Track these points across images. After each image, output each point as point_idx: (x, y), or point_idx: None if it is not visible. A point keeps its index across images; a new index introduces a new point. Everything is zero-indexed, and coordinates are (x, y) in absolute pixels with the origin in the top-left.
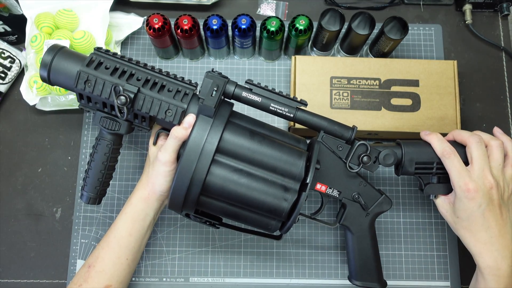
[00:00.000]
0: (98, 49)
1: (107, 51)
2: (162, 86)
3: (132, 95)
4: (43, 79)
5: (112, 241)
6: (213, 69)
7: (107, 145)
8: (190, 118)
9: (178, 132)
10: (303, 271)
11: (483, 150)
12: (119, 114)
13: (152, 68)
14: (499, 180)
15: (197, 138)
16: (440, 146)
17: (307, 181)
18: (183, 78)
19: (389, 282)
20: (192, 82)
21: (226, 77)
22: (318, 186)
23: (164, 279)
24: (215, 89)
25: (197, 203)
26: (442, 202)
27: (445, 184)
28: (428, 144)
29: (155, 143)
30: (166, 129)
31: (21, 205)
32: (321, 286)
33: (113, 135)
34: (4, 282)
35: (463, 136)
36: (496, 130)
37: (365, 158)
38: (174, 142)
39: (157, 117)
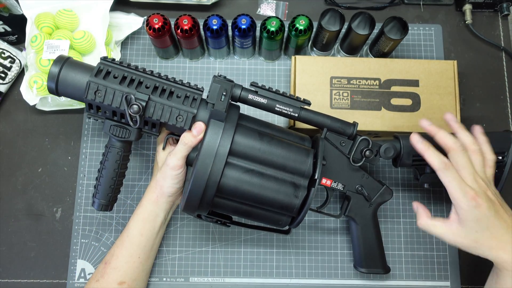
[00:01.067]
0: (104, 58)
1: (113, 60)
2: (171, 93)
3: (143, 103)
4: (51, 91)
5: (125, 240)
6: (219, 73)
7: (117, 153)
8: (199, 126)
9: (188, 139)
10: (303, 271)
11: (468, 157)
12: (131, 123)
13: (159, 75)
14: (485, 181)
15: (211, 143)
16: (438, 160)
17: (316, 177)
18: (189, 83)
19: (389, 282)
20: (199, 86)
21: (232, 81)
22: (324, 180)
23: (164, 279)
24: (224, 93)
25: (211, 204)
26: (449, 230)
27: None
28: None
29: (164, 148)
30: (174, 134)
31: (21, 205)
32: (321, 286)
33: (123, 142)
34: (4, 282)
35: (447, 142)
36: (476, 130)
37: (367, 152)
38: (184, 148)
39: (168, 123)
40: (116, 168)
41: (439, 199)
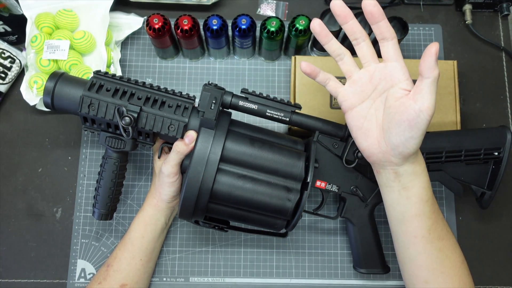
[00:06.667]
0: (97, 72)
1: (106, 73)
2: (163, 103)
3: (135, 115)
4: (47, 106)
5: (127, 242)
6: (209, 81)
7: (114, 163)
8: (191, 134)
9: (180, 148)
10: (303, 271)
11: None
12: (124, 134)
13: (151, 86)
14: None
15: (202, 150)
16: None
17: (308, 181)
18: (181, 93)
19: (389, 282)
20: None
21: (223, 88)
22: (318, 183)
23: (164, 279)
24: (214, 101)
25: (206, 210)
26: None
27: (434, 172)
28: None
29: (159, 157)
30: (169, 142)
31: (21, 205)
32: (321, 286)
33: (119, 153)
34: (4, 282)
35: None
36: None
37: (359, 154)
38: (177, 156)
39: (161, 133)
40: (114, 178)
41: (438, 198)
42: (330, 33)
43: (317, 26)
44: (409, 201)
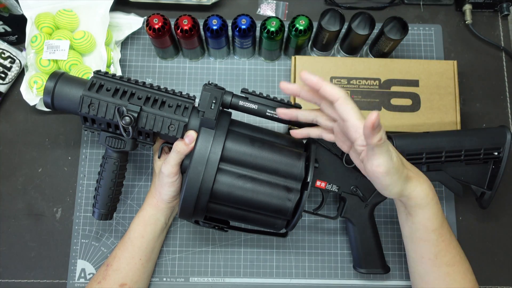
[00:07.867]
0: (97, 72)
1: (106, 73)
2: (163, 103)
3: (135, 114)
4: (47, 106)
5: (127, 242)
6: (209, 81)
7: (114, 163)
8: (191, 134)
9: (180, 148)
10: (303, 271)
11: None
12: (124, 134)
13: (151, 86)
14: None
15: (202, 150)
16: (339, 89)
17: (308, 180)
18: (181, 93)
19: (389, 282)
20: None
21: (223, 88)
22: (318, 183)
23: (164, 279)
24: (214, 101)
25: (206, 210)
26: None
27: (434, 172)
28: (417, 136)
29: (159, 157)
30: (169, 142)
31: (21, 205)
32: (321, 286)
33: (119, 152)
34: (4, 282)
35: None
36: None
37: None
38: (177, 156)
39: (161, 133)
40: (114, 178)
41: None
42: (293, 111)
43: (282, 115)
44: (414, 226)
